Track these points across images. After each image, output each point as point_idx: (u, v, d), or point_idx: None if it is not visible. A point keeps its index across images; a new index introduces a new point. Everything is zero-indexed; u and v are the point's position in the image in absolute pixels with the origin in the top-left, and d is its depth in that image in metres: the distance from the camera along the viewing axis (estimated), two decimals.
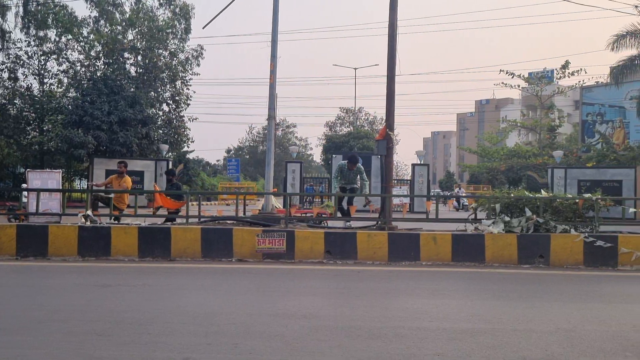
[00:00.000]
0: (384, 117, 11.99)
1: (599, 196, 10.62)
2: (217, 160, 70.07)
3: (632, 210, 12.09)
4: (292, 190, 27.10)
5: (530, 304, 6.69)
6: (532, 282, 8.43)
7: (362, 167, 12.81)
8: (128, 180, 12.80)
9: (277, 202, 15.73)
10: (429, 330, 5.36)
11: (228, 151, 72.76)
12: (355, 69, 52.20)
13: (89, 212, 10.72)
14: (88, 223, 10.44)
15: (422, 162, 32.37)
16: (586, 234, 9.76)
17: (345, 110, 57.10)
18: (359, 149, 38.69)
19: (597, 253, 9.60)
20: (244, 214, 11.88)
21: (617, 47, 24.28)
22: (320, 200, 30.36)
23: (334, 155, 29.54)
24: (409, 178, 33.37)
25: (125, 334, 5.07)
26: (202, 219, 11.15)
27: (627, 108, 30.00)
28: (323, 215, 13.87)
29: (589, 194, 10.84)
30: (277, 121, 61.37)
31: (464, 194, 27.94)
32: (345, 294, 7.31)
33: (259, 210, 12.83)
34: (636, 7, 23.89)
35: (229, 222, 11.01)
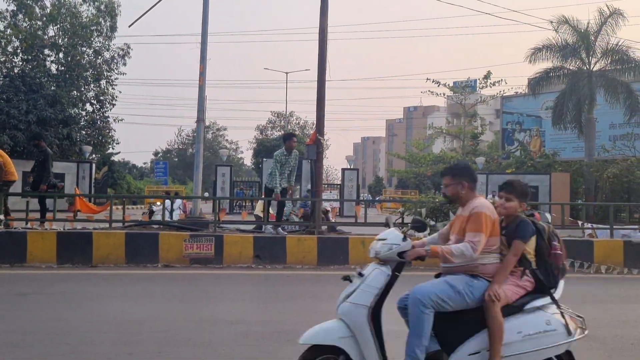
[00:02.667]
0: (315, 122, 12.06)
1: None
2: (144, 163, 68.06)
3: (547, 214, 12.76)
4: (222, 194, 26.78)
5: None
6: None
7: (297, 154, 10.93)
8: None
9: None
10: None
11: (156, 153, 70.76)
12: (286, 73, 51.96)
13: (1, 217, 10.10)
14: (1, 228, 9.84)
15: (352, 167, 32.84)
16: None
17: (276, 114, 57.10)
18: None
19: None
20: (171, 218, 11.58)
21: (534, 59, 25.60)
22: (250, 204, 30.18)
23: (264, 159, 29.42)
24: (339, 182, 33.75)
25: (41, 345, 4.80)
26: (126, 224, 10.77)
27: (543, 117, 31.63)
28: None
29: None
30: (207, 124, 60.37)
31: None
32: (274, 298, 7.28)
33: (187, 215, 12.54)
34: (551, 22, 25.30)
35: (155, 226, 10.70)
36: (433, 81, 41.70)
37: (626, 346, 5.08)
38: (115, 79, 31.17)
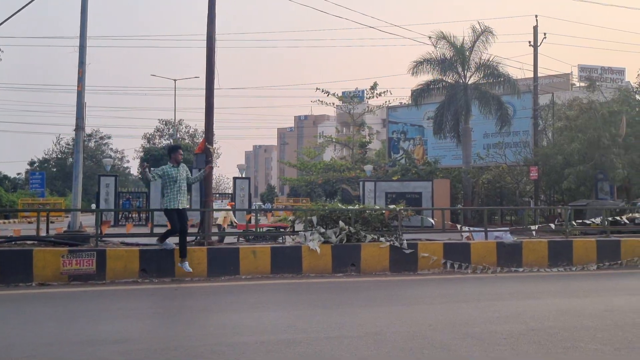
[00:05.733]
0: (204, 130, 11.84)
1: (402, 207, 11.64)
2: (18, 174, 62.85)
3: (430, 219, 13.46)
4: (107, 205, 25.46)
5: (343, 311, 7.06)
6: (344, 290, 8.91)
7: (186, 167, 9.69)
8: None
9: (233, 217, 14.88)
10: (248, 344, 5.35)
11: (31, 163, 65.66)
12: (174, 80, 50.57)
13: None
14: None
15: (243, 176, 32.58)
16: (391, 242, 10.61)
17: (164, 122, 55.35)
18: None
19: (400, 260, 10.50)
20: (47, 232, 10.78)
21: (416, 72, 27.02)
22: (137, 215, 28.89)
23: (152, 169, 28.40)
24: (230, 192, 33.37)
25: None
26: None
27: (425, 127, 33.45)
28: (281, 230, 13.97)
29: (394, 205, 11.82)
30: (89, 132, 57.13)
31: None
32: (161, 313, 7.01)
33: (65, 229, 11.76)
34: (430, 37, 26.87)
35: (28, 242, 9.91)
36: (322, 91, 42.74)
37: (500, 340, 5.45)
38: None
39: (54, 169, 65.14)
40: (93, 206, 32.03)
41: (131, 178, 70.87)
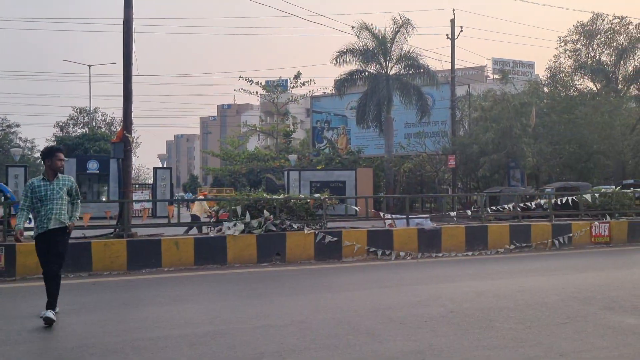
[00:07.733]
0: (122, 119, 11.38)
1: (327, 196, 11.74)
2: None
3: (353, 207, 13.66)
4: (16, 197, 23.96)
5: (268, 301, 7.02)
6: (270, 279, 8.88)
7: (72, 179, 6.53)
8: None
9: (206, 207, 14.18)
10: (170, 338, 5.21)
11: None
12: (89, 66, 48.08)
13: None
14: None
15: (164, 166, 31.67)
16: (316, 231, 10.68)
17: (79, 110, 52.61)
18: (96, 152, 36.14)
19: (325, 248, 10.59)
20: None
21: (339, 62, 27.23)
22: None
23: (66, 159, 27.01)
24: (151, 182, 32.38)
25: None
26: None
27: (348, 117, 33.86)
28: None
29: (318, 194, 11.90)
30: None
31: None
32: (77, 310, 6.68)
33: None
34: (352, 27, 27.15)
35: None
36: (246, 79, 42.29)
37: (421, 324, 5.62)
38: None
39: None
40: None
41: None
